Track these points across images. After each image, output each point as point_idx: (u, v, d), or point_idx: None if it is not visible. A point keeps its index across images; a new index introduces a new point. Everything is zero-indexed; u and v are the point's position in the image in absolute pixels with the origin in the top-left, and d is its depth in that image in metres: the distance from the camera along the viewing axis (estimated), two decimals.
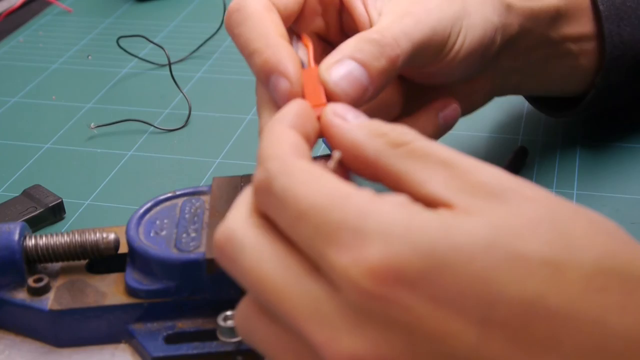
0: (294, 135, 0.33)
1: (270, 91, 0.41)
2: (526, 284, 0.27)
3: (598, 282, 0.27)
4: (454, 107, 0.48)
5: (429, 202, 0.30)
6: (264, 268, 0.30)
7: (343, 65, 0.40)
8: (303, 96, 0.39)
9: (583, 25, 0.53)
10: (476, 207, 0.29)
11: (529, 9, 0.50)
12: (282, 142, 0.33)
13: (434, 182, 0.30)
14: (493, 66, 0.51)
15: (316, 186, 0.30)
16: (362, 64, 0.40)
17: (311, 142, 0.35)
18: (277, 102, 0.40)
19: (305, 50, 0.45)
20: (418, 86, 0.49)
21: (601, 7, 0.53)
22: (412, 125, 0.47)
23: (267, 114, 0.42)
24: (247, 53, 0.42)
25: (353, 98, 0.39)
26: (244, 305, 0.32)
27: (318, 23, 0.48)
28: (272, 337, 0.31)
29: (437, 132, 0.48)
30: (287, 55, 0.40)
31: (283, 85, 0.39)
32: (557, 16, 0.52)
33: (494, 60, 0.51)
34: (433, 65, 0.46)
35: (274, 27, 0.42)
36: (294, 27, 0.47)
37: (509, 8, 0.49)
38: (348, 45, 0.41)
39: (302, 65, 0.41)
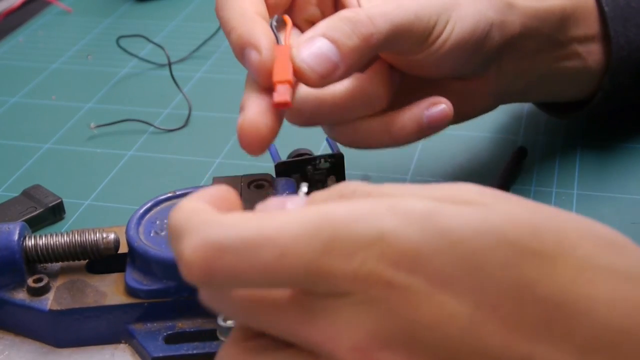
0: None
1: (245, 65, 0.42)
2: (516, 270, 0.27)
3: (587, 275, 0.27)
4: (442, 108, 0.46)
5: None
6: None
7: (314, 43, 0.41)
8: (271, 71, 0.40)
9: (589, 26, 0.53)
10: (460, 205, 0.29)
11: (533, 9, 0.50)
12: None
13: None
14: (496, 69, 0.50)
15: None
16: (333, 41, 0.41)
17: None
18: (251, 75, 0.41)
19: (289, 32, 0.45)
20: (415, 81, 0.49)
21: (606, 9, 0.53)
22: (394, 120, 0.46)
23: (249, 89, 0.43)
24: (227, 32, 0.43)
25: (320, 75, 0.41)
26: (228, 348, 0.31)
27: (313, 11, 0.49)
28: None
29: (419, 132, 0.46)
30: (259, 30, 0.41)
31: (254, 56, 0.41)
32: (563, 17, 0.52)
33: (496, 63, 0.50)
34: (418, 52, 0.46)
35: (252, 6, 0.43)
36: (289, 15, 0.48)
37: (510, 6, 0.49)
38: (322, 24, 0.42)
39: (278, 42, 0.42)
